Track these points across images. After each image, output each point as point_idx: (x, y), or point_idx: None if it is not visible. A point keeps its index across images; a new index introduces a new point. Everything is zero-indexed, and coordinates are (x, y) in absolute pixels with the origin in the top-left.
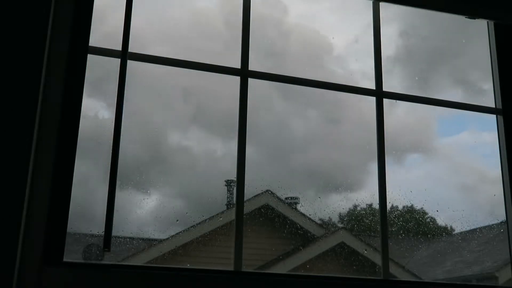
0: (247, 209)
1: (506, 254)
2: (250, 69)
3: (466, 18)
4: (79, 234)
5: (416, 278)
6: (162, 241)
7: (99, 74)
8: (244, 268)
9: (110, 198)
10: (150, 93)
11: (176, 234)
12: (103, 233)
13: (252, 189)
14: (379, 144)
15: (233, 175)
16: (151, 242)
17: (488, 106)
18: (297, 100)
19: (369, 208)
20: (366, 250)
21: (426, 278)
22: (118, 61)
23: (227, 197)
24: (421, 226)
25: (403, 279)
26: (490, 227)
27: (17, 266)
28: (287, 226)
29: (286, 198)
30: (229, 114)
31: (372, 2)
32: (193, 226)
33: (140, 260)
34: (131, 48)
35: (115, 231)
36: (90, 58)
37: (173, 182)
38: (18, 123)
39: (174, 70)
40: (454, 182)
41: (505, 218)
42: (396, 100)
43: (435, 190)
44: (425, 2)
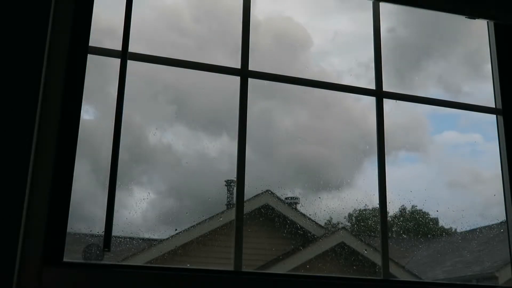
0: (247, 209)
1: (506, 254)
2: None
3: (466, 18)
4: (79, 234)
5: (416, 278)
6: (162, 241)
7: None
8: (244, 268)
9: (110, 198)
10: (133, 90)
11: (176, 234)
12: (103, 233)
13: (251, 189)
14: (379, 144)
15: (226, 174)
16: (151, 242)
17: (487, 106)
18: (281, 97)
19: (362, 207)
20: (366, 250)
21: (426, 278)
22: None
23: (227, 197)
24: (420, 226)
25: (403, 279)
26: (490, 227)
27: (17, 266)
28: (287, 226)
29: (286, 198)
30: (216, 110)
31: (372, 2)
32: (193, 226)
33: (140, 260)
34: (108, 46)
35: (115, 231)
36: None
37: (172, 181)
38: (18, 123)
39: (155, 67)
40: (446, 180)
41: (505, 218)
42: (396, 100)
43: (425, 188)
44: (425, 2)
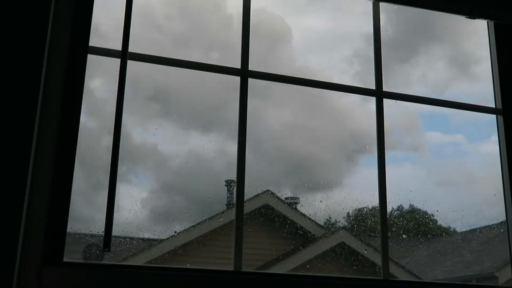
0: (247, 209)
1: (506, 254)
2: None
3: (466, 18)
4: (79, 234)
5: (416, 278)
6: (162, 241)
7: None
8: (244, 268)
9: (110, 198)
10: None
11: (176, 234)
12: (103, 233)
13: (251, 189)
14: (379, 144)
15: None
16: (151, 242)
17: (487, 106)
18: (269, 94)
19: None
20: (366, 250)
21: (426, 278)
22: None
23: (227, 197)
24: (421, 226)
25: (403, 279)
26: (490, 227)
27: (17, 266)
28: (287, 226)
29: (286, 198)
30: (207, 109)
31: (372, 2)
32: (193, 226)
33: (140, 260)
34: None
35: (115, 231)
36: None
37: (172, 181)
38: (18, 123)
39: (143, 66)
40: (439, 180)
41: (505, 218)
42: (396, 100)
43: (418, 188)
44: (425, 2)
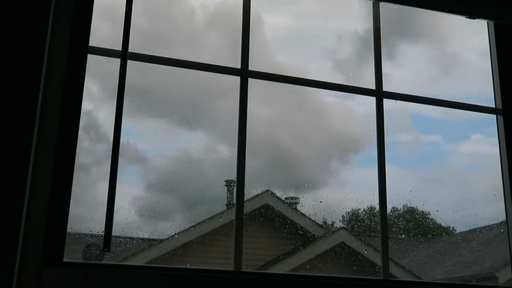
0: (247, 209)
1: (506, 254)
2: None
3: (466, 18)
4: (79, 234)
5: (416, 278)
6: (162, 241)
7: None
8: (244, 268)
9: (110, 198)
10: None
11: (176, 234)
12: (103, 233)
13: (250, 189)
14: (379, 143)
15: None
16: (151, 242)
17: (487, 106)
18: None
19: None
20: (366, 250)
21: (426, 278)
22: None
23: (227, 197)
24: (421, 226)
25: (403, 279)
26: (490, 227)
27: (17, 266)
28: (287, 226)
29: (286, 198)
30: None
31: (372, 2)
32: (193, 226)
33: (140, 260)
34: None
35: (115, 231)
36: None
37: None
38: (18, 123)
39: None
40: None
41: (505, 218)
42: (396, 100)
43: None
44: (425, 2)
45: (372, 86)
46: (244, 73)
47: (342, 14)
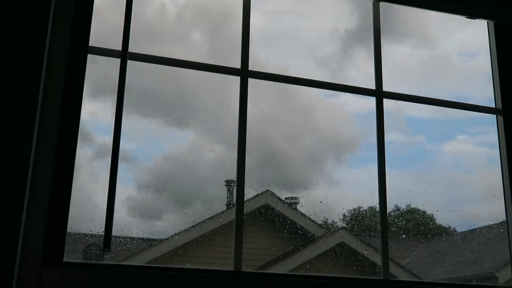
0: (247, 209)
1: (506, 254)
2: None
3: (466, 18)
4: (79, 234)
5: (416, 278)
6: (162, 241)
7: None
8: (244, 268)
9: (110, 198)
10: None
11: (176, 234)
12: (103, 233)
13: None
14: (379, 143)
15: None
16: (151, 242)
17: (487, 106)
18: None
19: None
20: (366, 250)
21: (426, 278)
22: None
23: (227, 197)
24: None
25: (403, 279)
26: (490, 227)
27: (17, 266)
28: (287, 226)
29: (286, 198)
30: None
31: (372, 2)
32: (193, 226)
33: (140, 260)
34: None
35: (115, 231)
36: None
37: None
38: (18, 123)
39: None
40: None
41: (505, 218)
42: (396, 100)
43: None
44: (425, 2)
45: (359, 84)
46: (244, 73)
47: (323, 11)
